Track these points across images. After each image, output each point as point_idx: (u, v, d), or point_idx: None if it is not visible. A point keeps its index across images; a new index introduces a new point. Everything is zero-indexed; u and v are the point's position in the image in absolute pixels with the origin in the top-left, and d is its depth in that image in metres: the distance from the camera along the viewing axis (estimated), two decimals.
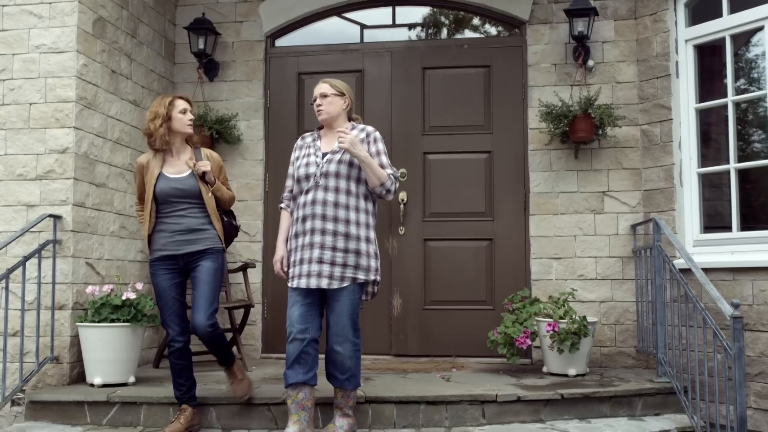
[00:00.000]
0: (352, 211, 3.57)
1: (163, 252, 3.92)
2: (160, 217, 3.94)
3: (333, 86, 3.75)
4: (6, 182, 4.74)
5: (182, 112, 3.97)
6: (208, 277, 3.87)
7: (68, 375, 4.62)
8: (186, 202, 3.92)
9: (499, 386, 4.47)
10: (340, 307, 3.59)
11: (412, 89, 5.90)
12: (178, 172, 3.96)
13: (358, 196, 3.60)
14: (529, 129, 5.68)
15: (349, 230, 3.54)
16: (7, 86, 4.79)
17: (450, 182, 5.79)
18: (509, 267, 5.67)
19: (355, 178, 3.60)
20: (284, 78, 6.06)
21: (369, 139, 3.69)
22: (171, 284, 3.92)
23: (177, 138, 3.99)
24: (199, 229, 3.92)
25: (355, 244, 3.55)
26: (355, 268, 3.57)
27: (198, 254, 3.90)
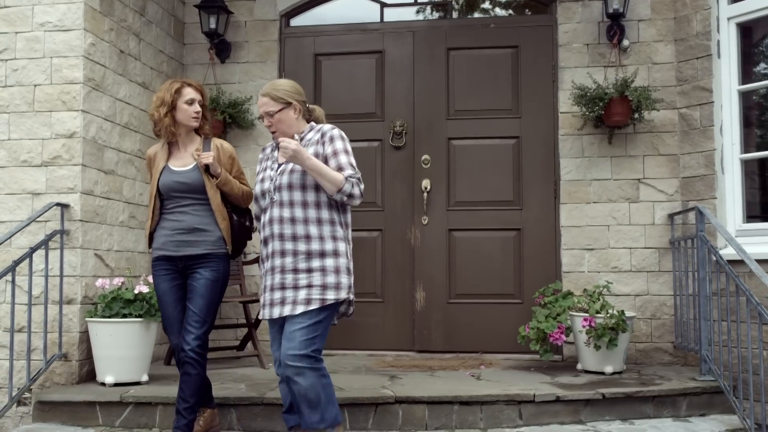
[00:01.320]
0: (312, 225, 3.15)
1: (162, 252, 3.64)
2: (164, 214, 3.67)
3: (275, 99, 3.24)
4: (10, 169, 4.55)
5: (189, 102, 3.63)
6: (205, 290, 3.55)
7: (77, 373, 4.44)
8: (189, 197, 3.61)
9: (535, 385, 4.29)
10: (293, 330, 3.11)
11: (435, 71, 5.69)
12: (183, 165, 3.66)
13: (318, 206, 3.17)
14: (560, 113, 5.48)
15: (310, 247, 3.14)
16: (9, 67, 4.59)
17: (476, 169, 5.59)
18: (538, 258, 5.48)
19: (312, 187, 3.16)
20: (300, 59, 5.85)
21: (324, 139, 3.23)
22: (171, 287, 3.63)
23: (183, 129, 3.68)
24: (201, 230, 3.60)
25: (319, 262, 3.13)
26: (323, 288, 3.13)
27: (197, 259, 3.58)
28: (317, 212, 3.17)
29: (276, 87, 3.28)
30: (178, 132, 3.67)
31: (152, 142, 5.35)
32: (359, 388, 4.16)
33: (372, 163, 5.63)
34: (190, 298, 3.56)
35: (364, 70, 5.77)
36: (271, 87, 3.28)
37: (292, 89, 3.30)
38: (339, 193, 3.13)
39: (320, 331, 3.13)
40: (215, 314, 3.65)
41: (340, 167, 3.16)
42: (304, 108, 3.35)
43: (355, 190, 3.16)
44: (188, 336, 3.51)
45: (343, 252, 3.20)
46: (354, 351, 5.52)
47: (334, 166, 3.15)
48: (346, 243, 3.24)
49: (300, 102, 3.31)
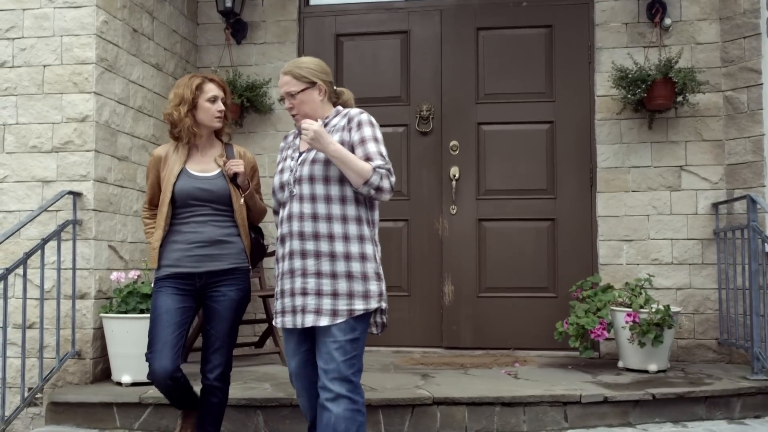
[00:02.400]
0: (336, 223, 2.78)
1: (177, 269, 3.20)
2: (175, 225, 3.25)
3: (298, 78, 2.88)
4: (18, 155, 4.34)
5: (211, 100, 3.26)
6: (229, 313, 3.21)
7: (91, 372, 4.25)
8: (210, 206, 3.23)
9: (579, 385, 4.10)
10: (329, 352, 2.75)
11: (464, 52, 5.47)
12: (204, 170, 3.28)
13: (343, 201, 2.80)
14: (597, 96, 5.26)
15: (334, 248, 2.76)
16: (17, 46, 4.37)
17: (507, 156, 5.38)
18: (573, 250, 5.28)
19: (336, 180, 2.80)
20: (320, 40, 5.63)
21: (351, 124, 2.86)
22: (178, 308, 3.18)
23: (205, 130, 3.31)
24: (224, 242, 3.23)
25: (344, 266, 2.76)
26: (349, 297, 2.76)
27: (220, 276, 3.21)
28: (342, 208, 2.80)
29: (299, 65, 2.92)
30: (200, 133, 3.29)
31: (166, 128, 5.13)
32: (393, 388, 3.97)
33: (397, 149, 5.42)
34: (211, 322, 3.22)
35: (388, 52, 5.55)
36: (294, 65, 2.92)
37: (317, 68, 2.93)
38: (365, 186, 2.75)
39: (359, 350, 2.79)
40: (237, 336, 3.35)
41: (368, 156, 2.78)
42: (330, 90, 2.97)
43: (384, 183, 2.77)
44: (211, 365, 3.21)
45: (371, 255, 2.82)
46: (379, 347, 5.33)
47: (362, 155, 2.78)
48: (374, 244, 2.86)
49: (326, 83, 2.93)
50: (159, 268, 3.26)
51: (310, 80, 2.89)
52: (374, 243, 2.87)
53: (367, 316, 2.82)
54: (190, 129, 3.24)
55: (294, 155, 2.93)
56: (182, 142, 3.29)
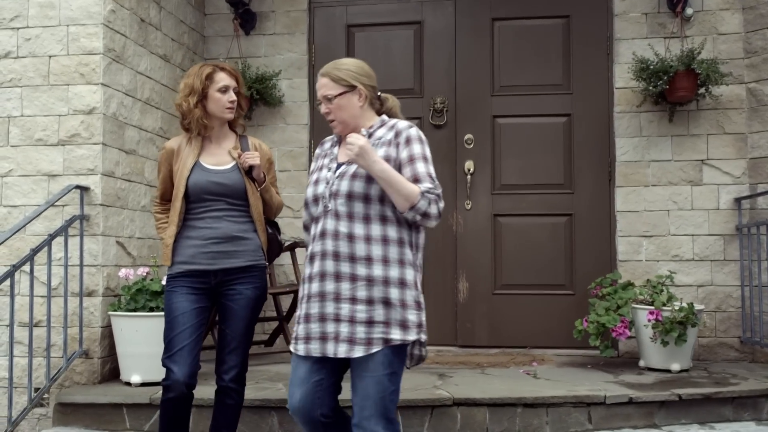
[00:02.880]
0: (375, 245, 2.53)
1: (191, 266, 3.08)
2: (189, 220, 3.12)
3: (336, 80, 2.64)
4: (23, 148, 4.24)
5: (222, 90, 3.12)
6: (246, 312, 3.10)
7: (99, 372, 4.16)
8: (225, 201, 3.11)
9: (602, 385, 4.01)
10: (365, 387, 2.52)
11: (479, 43, 5.37)
12: (219, 163, 3.15)
13: (384, 221, 2.55)
14: (615, 88, 5.16)
15: (371, 272, 2.51)
16: (21, 36, 4.27)
17: (523, 150, 5.28)
18: (592, 246, 5.18)
19: (377, 198, 2.55)
20: (331, 31, 5.53)
21: (399, 139, 2.59)
22: (193, 309, 3.07)
23: (216, 121, 3.18)
24: (240, 238, 3.11)
25: (381, 291, 2.51)
26: (386, 325, 2.50)
27: (236, 273, 3.10)
28: (382, 229, 2.54)
29: (338, 66, 2.67)
30: (211, 125, 3.16)
31: (174, 121, 5.05)
32: (410, 389, 3.88)
33: None
34: (227, 322, 3.11)
35: (401, 43, 5.45)
36: (333, 66, 2.69)
37: (359, 70, 2.67)
38: (411, 211, 2.50)
39: (397, 384, 2.56)
40: (253, 336, 3.25)
41: (416, 177, 2.52)
42: (372, 95, 2.71)
43: (432, 209, 2.52)
44: (226, 366, 3.10)
45: (411, 282, 2.55)
46: None
47: (409, 176, 2.52)
48: (415, 270, 2.59)
49: (367, 87, 2.67)
50: (172, 266, 3.13)
51: (350, 83, 2.63)
52: (416, 268, 2.60)
53: (404, 347, 2.56)
54: (200, 120, 3.12)
55: (331, 165, 2.66)
56: (193, 134, 3.18)
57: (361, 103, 2.66)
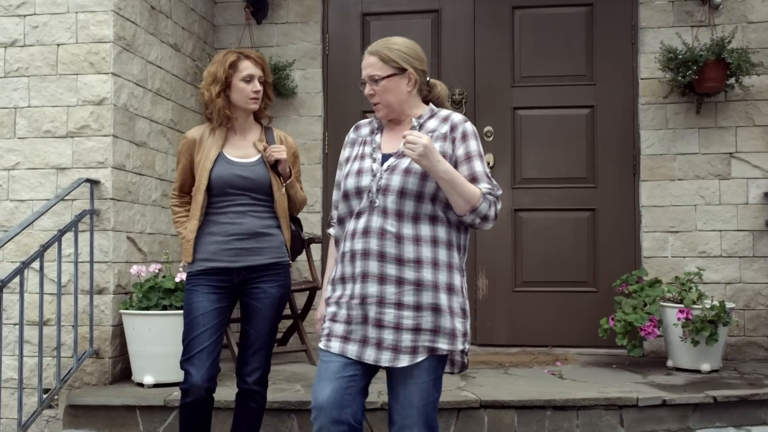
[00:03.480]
0: (425, 246, 2.34)
1: (212, 263, 2.96)
2: (211, 215, 3.00)
3: (386, 61, 2.42)
4: (31, 140, 4.11)
5: (246, 79, 2.99)
6: (270, 311, 3.00)
7: (110, 372, 4.04)
8: (249, 196, 2.99)
9: (632, 386, 3.89)
10: (408, 395, 2.37)
11: (499, 32, 5.23)
12: (243, 156, 3.03)
13: (434, 221, 2.35)
14: (641, 79, 5.03)
15: (421, 276, 2.33)
16: (28, 23, 4.13)
17: (544, 142, 5.15)
18: (615, 242, 5.06)
19: (429, 197, 2.36)
20: (346, 20, 5.40)
21: (455, 134, 2.41)
22: (215, 308, 2.95)
23: (240, 112, 3.06)
24: (264, 234, 3.00)
25: (431, 297, 2.33)
26: (434, 333, 2.33)
27: (260, 271, 2.98)
28: (432, 229, 2.35)
29: (389, 45, 2.45)
30: (234, 116, 3.04)
31: (185, 112, 4.93)
32: None
33: None
34: (251, 322, 3.01)
35: (418, 32, 5.30)
36: (383, 44, 2.46)
37: (411, 52, 2.45)
38: (472, 214, 2.32)
39: (440, 390, 2.44)
40: (276, 336, 3.13)
41: (474, 177, 2.35)
42: (422, 80, 2.49)
43: (492, 212, 2.35)
44: (250, 367, 2.99)
45: (459, 287, 2.39)
46: None
47: (466, 175, 2.35)
48: (462, 275, 2.42)
49: (418, 71, 2.46)
50: (192, 263, 3.00)
51: (400, 66, 2.42)
52: (462, 273, 2.43)
53: (447, 356, 2.43)
54: (222, 111, 3.00)
55: (376, 156, 2.45)
56: (215, 124, 3.05)
57: (410, 88, 2.46)
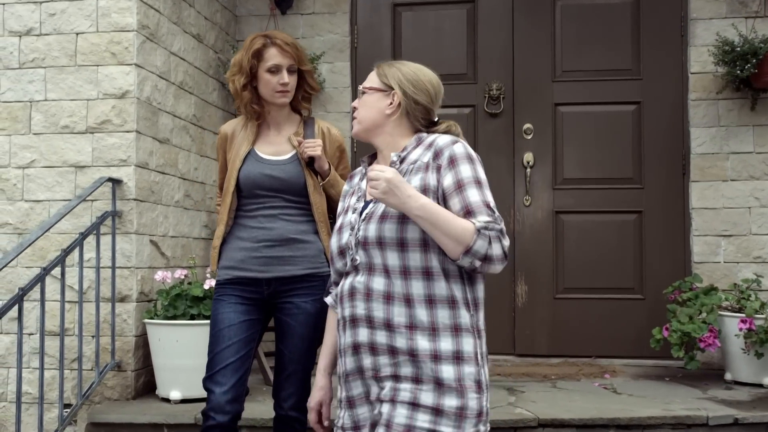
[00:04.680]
0: (418, 308, 1.94)
1: (240, 272, 2.67)
2: (241, 218, 2.72)
3: (379, 75, 2.12)
4: (47, 136, 3.87)
5: (272, 70, 2.64)
6: (307, 330, 2.64)
7: (133, 386, 3.80)
8: (282, 197, 2.67)
9: (698, 403, 3.66)
10: None
11: (539, 24, 4.99)
12: (276, 153, 2.70)
13: (428, 275, 1.95)
14: (690, 73, 4.79)
15: (415, 345, 1.93)
16: (45, 10, 3.89)
17: (588, 140, 4.92)
18: (663, 246, 4.82)
19: (417, 244, 1.95)
20: (376, 10, 5.16)
21: (439, 161, 1.99)
22: (243, 321, 2.65)
23: (271, 105, 2.72)
24: (298, 240, 2.66)
25: (430, 369, 1.92)
26: (436, 413, 1.91)
27: (293, 283, 2.65)
28: (426, 286, 1.95)
29: (393, 63, 2.15)
30: (266, 110, 2.73)
31: (207, 108, 4.70)
32: None
33: (463, 133, 4.92)
34: (284, 341, 2.68)
35: (453, 23, 5.08)
36: (392, 62, 2.18)
37: (411, 76, 2.09)
38: (467, 256, 1.90)
39: None
40: (315, 356, 2.66)
41: (468, 210, 1.93)
42: (414, 111, 2.08)
43: (495, 250, 1.91)
44: (285, 392, 2.69)
45: (470, 354, 1.94)
46: None
47: (459, 209, 1.94)
48: (475, 337, 1.96)
49: (409, 98, 2.07)
50: (219, 270, 2.73)
51: (388, 84, 2.08)
52: (476, 334, 1.97)
53: None
54: (249, 105, 2.69)
55: (357, 206, 2.10)
56: (246, 117, 2.76)
57: (390, 111, 2.07)
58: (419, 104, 2.08)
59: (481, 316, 2.01)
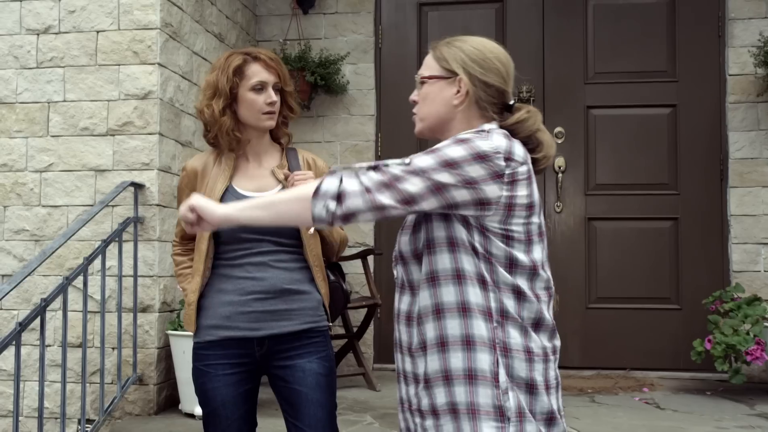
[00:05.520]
0: (428, 321, 1.67)
1: (227, 332, 2.20)
2: (222, 267, 2.24)
3: (438, 59, 1.78)
4: (66, 139, 3.73)
5: (256, 88, 2.23)
6: (323, 395, 2.22)
7: (155, 401, 3.64)
8: (271, 241, 2.23)
9: (747, 420, 3.53)
10: None
11: (570, 24, 4.86)
12: (259, 188, 2.27)
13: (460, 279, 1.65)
14: (729, 75, 4.66)
15: (430, 366, 1.67)
16: (64, 7, 3.76)
17: (621, 144, 4.78)
18: (701, 255, 4.67)
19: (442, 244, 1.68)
20: (401, 9, 5.02)
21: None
22: (239, 394, 2.23)
23: (253, 132, 2.28)
24: (294, 291, 2.23)
25: (444, 394, 1.64)
26: None
27: (292, 341, 2.22)
28: (458, 291, 1.65)
29: (452, 41, 1.80)
30: (246, 137, 2.27)
31: None
32: None
33: None
34: (298, 413, 2.21)
35: (480, 23, 4.93)
36: (447, 39, 1.83)
37: (475, 55, 1.75)
38: (317, 200, 1.63)
39: None
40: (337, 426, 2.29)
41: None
42: (486, 97, 1.74)
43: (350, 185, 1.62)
44: None
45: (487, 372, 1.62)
46: None
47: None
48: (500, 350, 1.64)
49: (477, 82, 1.73)
50: (198, 331, 2.25)
51: (450, 69, 1.76)
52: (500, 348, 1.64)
53: None
54: (230, 133, 2.23)
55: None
56: (223, 149, 2.29)
57: (457, 101, 1.74)
58: (491, 86, 1.75)
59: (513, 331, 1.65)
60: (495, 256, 1.66)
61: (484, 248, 1.66)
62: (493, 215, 1.65)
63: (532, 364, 1.68)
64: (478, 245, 1.65)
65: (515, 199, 1.67)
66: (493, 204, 1.63)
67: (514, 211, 1.67)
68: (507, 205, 1.66)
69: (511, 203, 1.66)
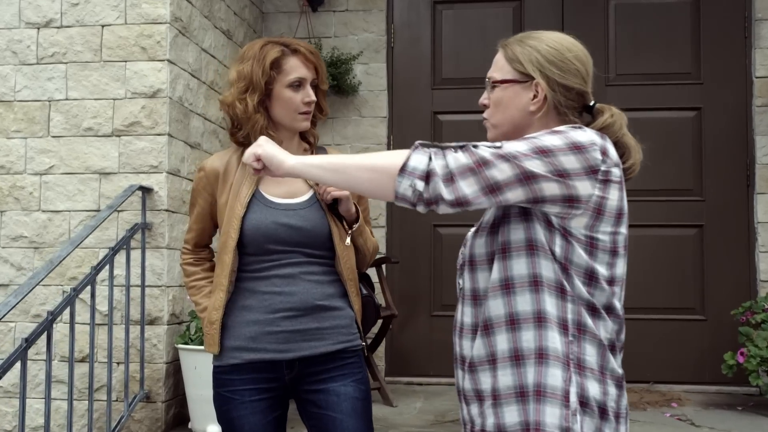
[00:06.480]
0: (498, 333, 1.53)
1: (253, 354, 1.99)
2: (246, 281, 2.03)
3: (510, 59, 1.61)
4: (68, 139, 3.53)
5: (294, 85, 2.01)
6: (359, 421, 2.03)
7: (163, 419, 3.45)
8: (301, 252, 2.03)
9: None
10: None
11: (591, 24, 4.73)
12: (289, 194, 2.06)
13: (537, 285, 1.51)
14: (755, 77, 4.54)
15: (498, 383, 1.52)
16: (67, 0, 3.56)
17: (644, 149, 4.61)
18: (727, 263, 4.54)
19: (520, 246, 1.52)
20: (414, 8, 4.87)
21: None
22: (268, 422, 2.03)
23: (286, 133, 2.07)
24: (327, 308, 2.02)
25: (516, 413, 1.49)
26: None
27: (325, 362, 2.01)
28: (535, 300, 1.51)
29: (525, 38, 1.64)
30: (278, 137, 2.03)
31: None
32: None
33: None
34: None
35: (497, 22, 4.79)
36: (520, 36, 1.67)
37: (552, 55, 1.59)
38: (403, 177, 1.44)
39: None
40: None
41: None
42: (565, 100, 1.60)
43: (438, 164, 1.44)
44: None
45: (558, 390, 1.47)
46: None
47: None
48: (574, 366, 1.50)
49: (556, 86, 1.58)
50: (221, 354, 2.01)
51: (525, 72, 1.59)
52: (575, 363, 1.50)
53: None
54: (263, 132, 1.99)
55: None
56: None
57: (534, 107, 1.59)
58: (571, 89, 1.60)
59: (590, 348, 1.52)
60: (574, 265, 1.50)
61: (565, 255, 1.50)
62: (580, 216, 1.49)
63: (606, 387, 1.55)
64: (559, 250, 1.49)
65: (606, 201, 1.51)
66: (582, 202, 1.47)
67: (603, 216, 1.52)
68: (597, 207, 1.50)
69: (600, 206, 1.51)
